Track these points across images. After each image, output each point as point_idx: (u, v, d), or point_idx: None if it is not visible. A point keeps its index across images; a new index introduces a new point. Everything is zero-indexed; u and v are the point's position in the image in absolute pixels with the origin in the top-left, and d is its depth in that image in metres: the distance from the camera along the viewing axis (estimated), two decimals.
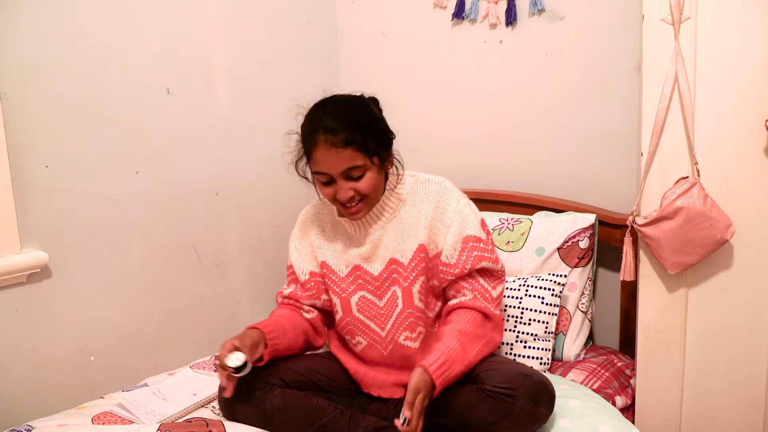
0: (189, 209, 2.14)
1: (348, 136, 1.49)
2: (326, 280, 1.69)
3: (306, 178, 1.63)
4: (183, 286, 2.15)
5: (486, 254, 1.59)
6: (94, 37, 1.87)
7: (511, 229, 2.07)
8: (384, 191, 1.63)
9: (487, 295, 1.58)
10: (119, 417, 1.62)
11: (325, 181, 1.55)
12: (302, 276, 1.71)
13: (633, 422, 1.81)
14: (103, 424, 1.58)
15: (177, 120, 2.08)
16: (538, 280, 1.93)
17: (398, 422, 1.35)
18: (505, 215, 2.13)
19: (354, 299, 1.66)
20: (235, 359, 1.46)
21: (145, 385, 1.82)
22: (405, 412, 1.35)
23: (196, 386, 1.77)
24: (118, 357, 1.97)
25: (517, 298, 1.91)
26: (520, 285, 1.93)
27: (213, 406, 1.68)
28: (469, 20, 2.27)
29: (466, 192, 2.30)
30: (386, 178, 1.64)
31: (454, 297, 1.61)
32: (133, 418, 1.61)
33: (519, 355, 1.86)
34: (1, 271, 1.70)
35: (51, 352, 1.83)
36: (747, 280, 1.67)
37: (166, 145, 2.06)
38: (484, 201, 2.23)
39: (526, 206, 2.16)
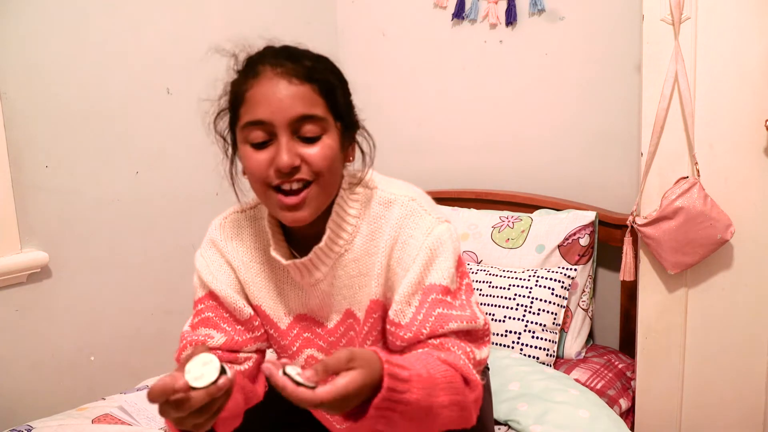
0: (189, 209, 2.14)
1: (312, 67, 1.03)
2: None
3: (225, 139, 1.17)
4: (183, 286, 2.14)
5: (455, 312, 1.04)
6: (94, 37, 1.87)
7: (511, 226, 2.07)
8: (335, 200, 1.10)
9: (471, 355, 1.04)
10: (119, 420, 1.61)
11: (259, 141, 1.03)
12: (245, 311, 1.16)
13: (633, 422, 1.81)
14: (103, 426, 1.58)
15: (177, 120, 2.08)
16: (549, 272, 1.94)
17: (300, 376, 0.79)
18: (505, 213, 2.14)
19: (300, 360, 1.20)
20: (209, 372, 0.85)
21: (147, 386, 1.82)
22: (312, 376, 0.79)
23: None
24: (118, 357, 1.97)
25: (527, 287, 1.92)
26: (530, 275, 1.94)
27: None
28: (469, 20, 2.27)
29: (465, 192, 2.35)
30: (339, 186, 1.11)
31: None
32: (132, 422, 1.60)
33: (527, 345, 1.87)
34: (1, 271, 1.70)
35: (51, 352, 1.83)
36: (747, 280, 1.67)
37: (166, 145, 2.06)
38: (484, 201, 2.23)
39: (526, 206, 2.16)
